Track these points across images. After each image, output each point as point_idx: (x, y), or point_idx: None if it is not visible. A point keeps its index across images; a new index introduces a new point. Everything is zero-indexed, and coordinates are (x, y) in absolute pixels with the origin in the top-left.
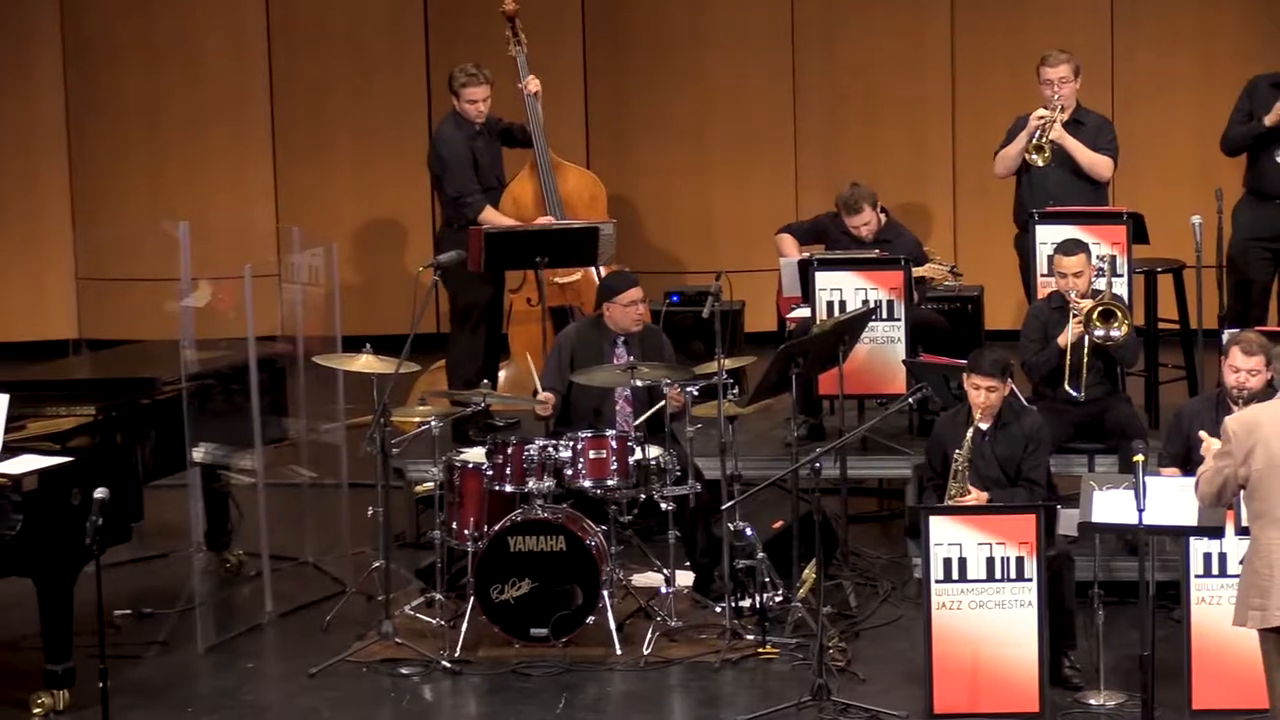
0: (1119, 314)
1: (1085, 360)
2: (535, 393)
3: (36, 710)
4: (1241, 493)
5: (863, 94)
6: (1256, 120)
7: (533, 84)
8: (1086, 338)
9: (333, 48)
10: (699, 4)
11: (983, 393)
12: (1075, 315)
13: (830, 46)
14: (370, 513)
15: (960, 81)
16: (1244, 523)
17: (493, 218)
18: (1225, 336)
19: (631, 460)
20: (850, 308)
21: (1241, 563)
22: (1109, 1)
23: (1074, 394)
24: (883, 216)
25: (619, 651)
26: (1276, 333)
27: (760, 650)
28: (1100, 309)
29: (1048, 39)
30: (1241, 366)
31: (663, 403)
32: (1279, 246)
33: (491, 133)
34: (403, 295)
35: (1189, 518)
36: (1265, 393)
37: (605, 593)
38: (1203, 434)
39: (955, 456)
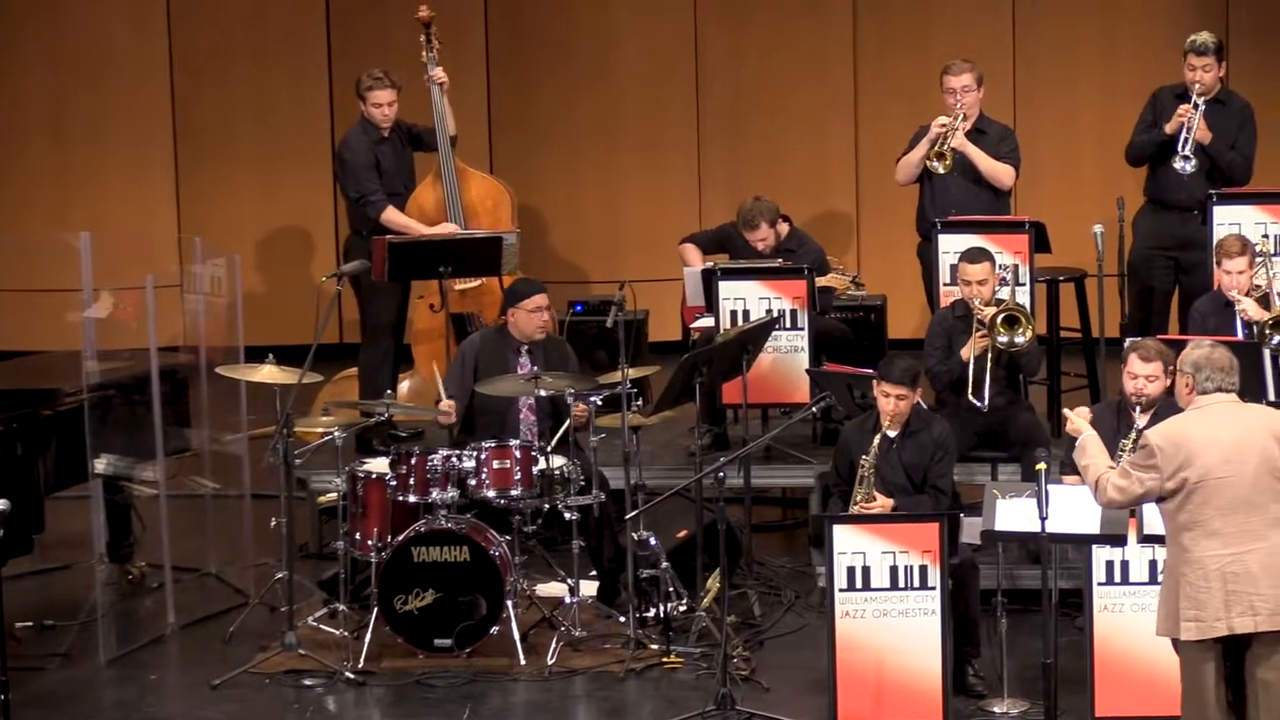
0: (1022, 320)
1: (988, 371)
2: (438, 400)
3: None
4: (1159, 503)
5: (766, 104)
6: (1158, 129)
7: (439, 74)
8: (989, 350)
9: (235, 57)
10: (602, 13)
11: (892, 400)
12: (979, 330)
13: (734, 55)
14: (273, 524)
15: (863, 91)
16: (1147, 530)
17: (395, 218)
18: (1126, 344)
19: (535, 470)
20: (754, 317)
21: (1163, 571)
22: (1011, 11)
23: (977, 404)
24: (785, 227)
25: (523, 662)
26: (1177, 341)
27: (665, 660)
28: (1004, 314)
29: (950, 48)
30: (1139, 373)
31: (569, 422)
32: (1180, 255)
33: (401, 140)
34: (306, 305)
35: (1092, 526)
36: (1165, 399)
37: (509, 603)
38: (1066, 412)
39: (861, 463)
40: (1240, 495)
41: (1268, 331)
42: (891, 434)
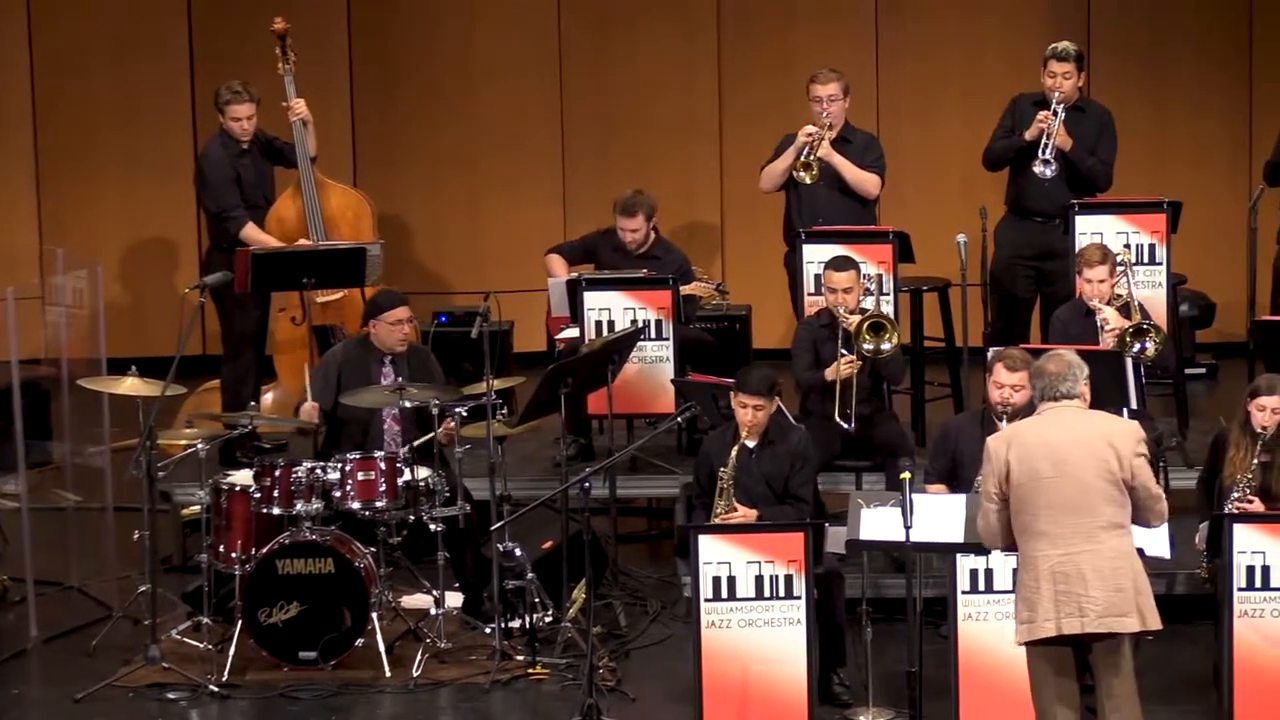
0: (888, 327)
1: (854, 394)
2: (299, 404)
3: None
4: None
5: (630, 114)
6: (1017, 135)
7: (298, 107)
8: (854, 375)
9: (97, 67)
10: (467, 23)
11: (749, 410)
12: (844, 356)
13: (597, 66)
14: (136, 536)
15: (727, 101)
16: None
17: (255, 235)
18: (990, 354)
19: (400, 481)
20: (619, 327)
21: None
22: (874, 22)
23: (845, 426)
24: (653, 233)
25: (388, 674)
26: (1040, 349)
27: (530, 671)
28: (870, 322)
29: (814, 58)
30: (1005, 382)
31: (432, 434)
32: (1042, 264)
33: (260, 151)
34: (170, 317)
35: (956, 535)
36: (1029, 408)
37: (374, 614)
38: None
39: (721, 474)
40: (1068, 498)
41: (1128, 339)
42: (750, 444)
